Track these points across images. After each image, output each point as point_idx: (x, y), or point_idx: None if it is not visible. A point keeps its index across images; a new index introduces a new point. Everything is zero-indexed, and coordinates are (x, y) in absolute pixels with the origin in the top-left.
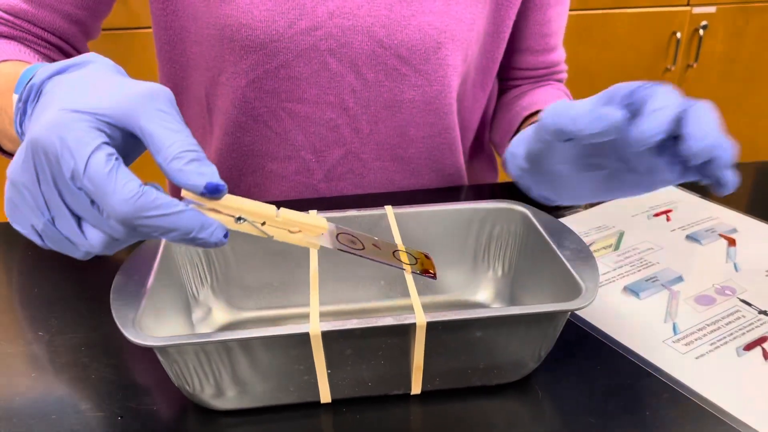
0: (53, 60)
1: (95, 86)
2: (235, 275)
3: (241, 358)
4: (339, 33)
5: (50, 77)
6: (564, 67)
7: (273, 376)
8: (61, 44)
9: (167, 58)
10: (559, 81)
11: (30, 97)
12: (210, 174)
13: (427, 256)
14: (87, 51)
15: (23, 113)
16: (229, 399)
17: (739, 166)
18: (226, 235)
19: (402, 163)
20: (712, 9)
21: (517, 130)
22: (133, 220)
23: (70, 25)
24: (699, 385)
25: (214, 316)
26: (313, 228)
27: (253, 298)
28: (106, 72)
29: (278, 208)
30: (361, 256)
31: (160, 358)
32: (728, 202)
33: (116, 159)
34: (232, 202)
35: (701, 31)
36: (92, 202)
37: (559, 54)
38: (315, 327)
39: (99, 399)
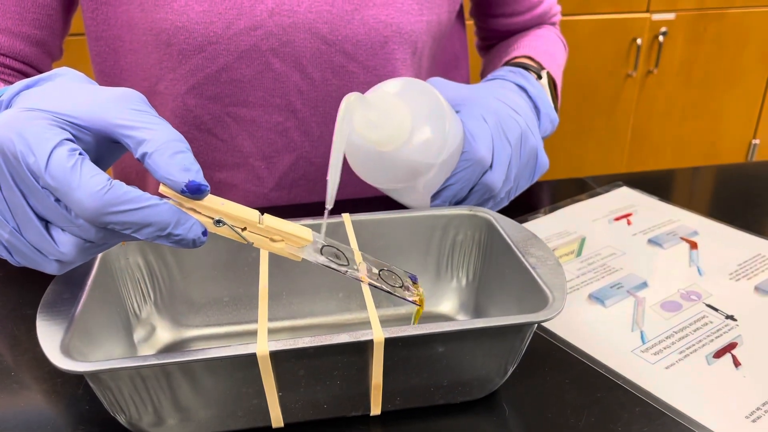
0: None
1: (66, 93)
2: (180, 290)
3: (182, 382)
4: (280, 31)
5: (19, 93)
6: (556, 10)
7: (218, 401)
8: (24, 68)
9: (99, 70)
10: (552, 24)
11: None
12: (194, 171)
13: (414, 280)
14: None
15: None
16: (171, 427)
17: (699, 170)
18: (205, 233)
19: None
20: (671, 15)
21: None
22: (102, 216)
23: (31, 47)
24: (671, 397)
25: (158, 335)
26: (296, 239)
27: (200, 315)
28: (77, 82)
29: (262, 214)
30: (344, 273)
31: (92, 385)
32: (688, 205)
33: (80, 154)
34: (213, 203)
35: (661, 38)
36: (58, 200)
37: (547, 3)
38: (263, 347)
39: (28, 430)
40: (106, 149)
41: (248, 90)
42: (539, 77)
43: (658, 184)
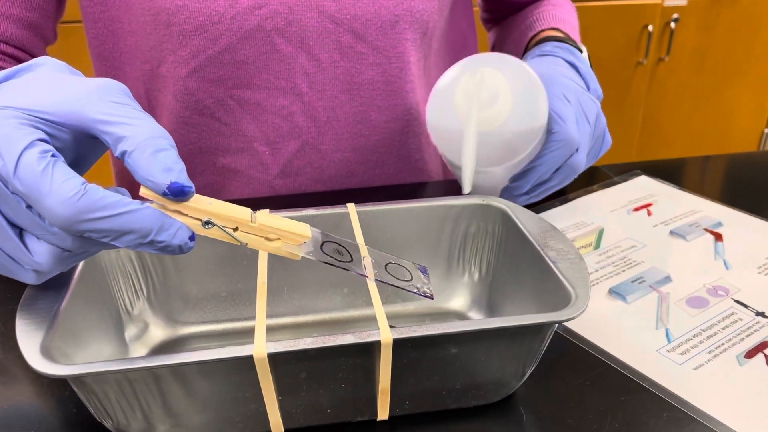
0: None
1: (42, 86)
2: (175, 285)
3: (174, 386)
4: (285, 10)
5: None
6: None
7: (213, 406)
8: (16, 53)
9: (97, 54)
10: None
11: None
12: (177, 171)
13: (423, 271)
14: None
15: None
16: None
17: (712, 159)
18: (192, 238)
19: (364, 153)
20: (683, 2)
21: (526, 49)
22: (77, 223)
23: (23, 30)
24: (701, 400)
25: (152, 333)
26: (293, 236)
27: (197, 312)
28: (57, 72)
29: (254, 212)
30: (347, 269)
31: (76, 389)
32: (705, 194)
33: (53, 156)
34: (200, 203)
35: (673, 24)
36: (30, 207)
37: None
38: (260, 348)
39: None
40: (87, 147)
41: (252, 72)
42: (580, 51)
43: (675, 173)
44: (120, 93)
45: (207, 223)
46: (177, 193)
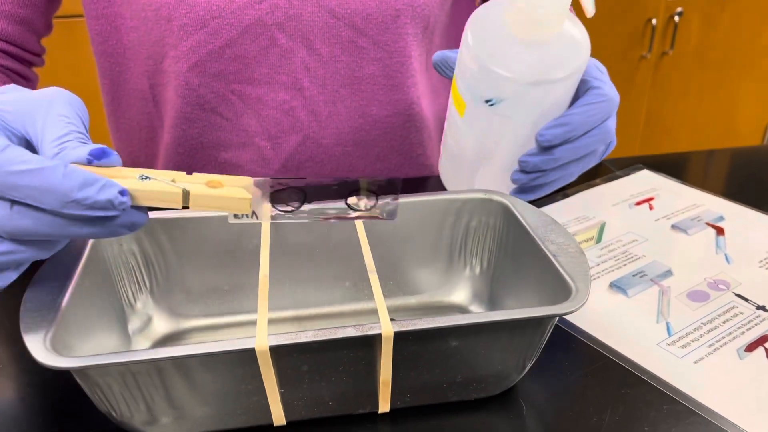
0: (0, 66)
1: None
2: (178, 278)
3: (177, 378)
4: (286, 4)
5: None
6: None
7: (215, 399)
8: (6, 47)
9: (101, 51)
10: None
11: None
12: (94, 145)
13: (391, 183)
14: (40, 50)
15: None
16: (165, 426)
17: (715, 153)
18: (123, 193)
19: (365, 148)
20: None
21: None
22: None
23: (15, 26)
24: (701, 393)
25: (155, 326)
26: (233, 202)
27: (199, 304)
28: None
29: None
30: (300, 221)
31: (80, 381)
32: (708, 188)
33: None
34: (134, 170)
35: (676, 18)
36: None
37: None
38: (262, 341)
39: (16, 425)
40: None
41: (253, 67)
42: None
43: (678, 167)
44: (64, 104)
45: (144, 177)
46: (99, 155)
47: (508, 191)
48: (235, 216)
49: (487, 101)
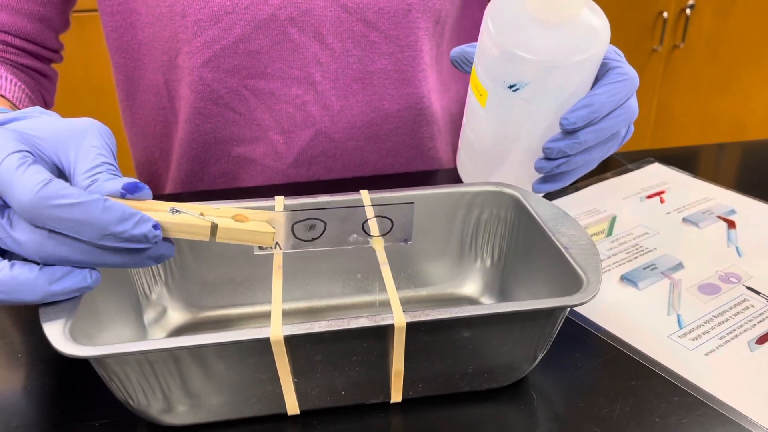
0: (20, 65)
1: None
2: (193, 270)
3: (192, 368)
4: (299, 0)
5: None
6: None
7: (230, 388)
8: (26, 46)
9: (116, 46)
10: None
11: None
12: (125, 179)
13: (405, 205)
14: (58, 47)
15: None
16: (181, 414)
17: (726, 147)
18: (156, 227)
19: (377, 142)
20: None
21: None
22: (37, 209)
23: (35, 23)
24: (711, 385)
25: (170, 317)
26: (258, 236)
27: (214, 296)
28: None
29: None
30: (321, 249)
31: (98, 370)
32: (719, 182)
33: (32, 158)
34: (164, 204)
35: (688, 11)
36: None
37: None
38: (276, 331)
39: (35, 413)
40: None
41: (266, 61)
42: None
43: (689, 161)
44: (96, 135)
45: (174, 211)
46: (133, 189)
47: (530, 184)
48: (260, 248)
49: (510, 86)
